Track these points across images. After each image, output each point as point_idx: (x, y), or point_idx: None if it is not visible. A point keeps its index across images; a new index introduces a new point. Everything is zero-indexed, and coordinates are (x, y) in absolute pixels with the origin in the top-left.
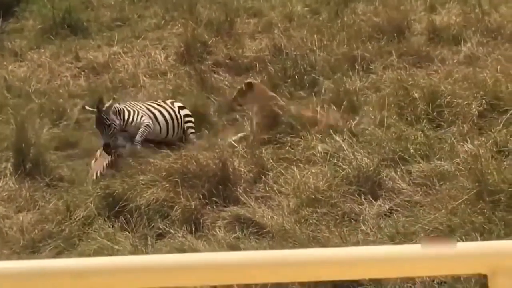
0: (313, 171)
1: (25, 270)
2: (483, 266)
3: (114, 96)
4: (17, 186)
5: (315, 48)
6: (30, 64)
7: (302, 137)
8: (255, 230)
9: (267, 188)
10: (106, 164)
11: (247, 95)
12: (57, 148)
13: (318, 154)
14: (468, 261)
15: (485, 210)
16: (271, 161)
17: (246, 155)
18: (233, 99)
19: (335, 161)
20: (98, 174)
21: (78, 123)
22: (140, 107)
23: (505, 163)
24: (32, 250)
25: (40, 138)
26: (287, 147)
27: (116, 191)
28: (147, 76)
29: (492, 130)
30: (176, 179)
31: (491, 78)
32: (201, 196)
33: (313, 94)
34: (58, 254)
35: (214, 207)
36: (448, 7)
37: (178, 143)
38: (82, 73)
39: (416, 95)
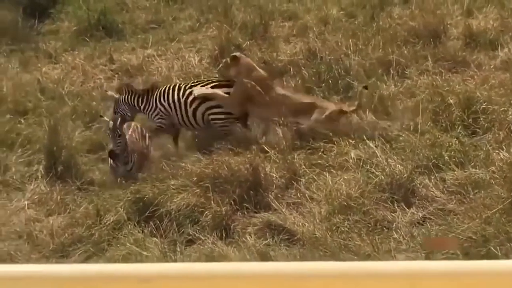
0: (345, 177)
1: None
2: None
3: None
4: (48, 189)
5: (349, 52)
6: (64, 66)
7: (335, 142)
8: (286, 237)
9: (298, 194)
10: None
11: (232, 68)
12: (89, 151)
13: (351, 160)
14: None
15: None
16: (303, 166)
17: (278, 161)
18: (218, 71)
19: (368, 167)
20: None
21: None
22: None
23: None
24: (62, 254)
25: (72, 140)
26: (320, 153)
27: (147, 196)
28: (181, 79)
29: None
30: (207, 184)
31: None
32: (232, 202)
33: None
34: (87, 259)
35: (245, 213)
36: (485, 11)
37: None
38: (116, 75)
39: (451, 101)
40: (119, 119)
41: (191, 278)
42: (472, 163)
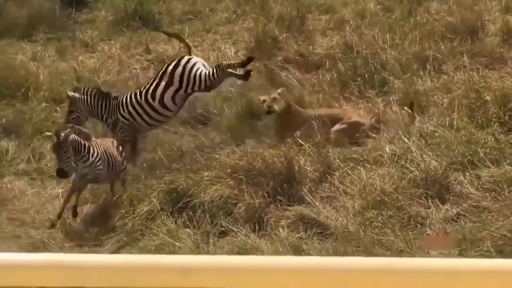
0: (380, 172)
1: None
2: None
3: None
4: None
5: (386, 47)
6: (100, 55)
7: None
8: (319, 230)
9: (332, 188)
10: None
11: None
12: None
13: (385, 155)
14: None
15: None
16: (338, 160)
17: (312, 154)
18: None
19: (403, 163)
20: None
21: None
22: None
23: None
24: (95, 243)
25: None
26: (355, 147)
27: (180, 186)
28: None
29: None
30: (241, 176)
31: None
32: (266, 194)
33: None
34: (119, 248)
35: (278, 205)
36: None
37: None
38: (152, 65)
39: (487, 97)
40: (71, 131)
41: (229, 270)
42: (508, 160)
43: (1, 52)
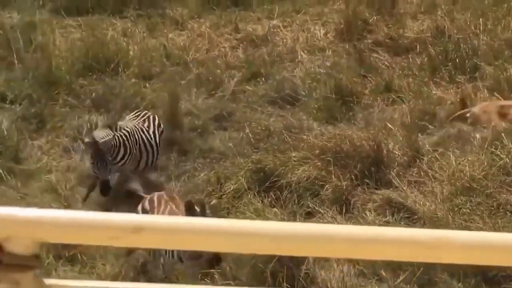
0: (469, 158)
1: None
2: None
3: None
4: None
5: (478, 32)
6: (189, 33)
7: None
8: (406, 215)
9: (421, 173)
10: None
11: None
12: (211, 118)
13: (475, 142)
14: None
15: None
16: (427, 145)
17: (401, 138)
18: None
19: (493, 149)
20: None
21: (234, 94)
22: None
23: None
24: None
25: (195, 107)
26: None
27: (268, 166)
28: (305, 51)
29: None
30: (329, 158)
31: None
32: (353, 177)
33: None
34: None
35: (366, 188)
36: None
37: None
38: (241, 45)
39: None
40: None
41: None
42: None
43: (92, 27)
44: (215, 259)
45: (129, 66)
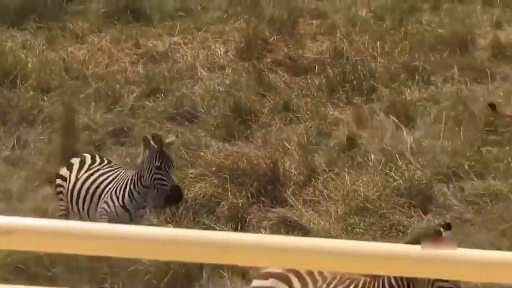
0: (364, 179)
1: None
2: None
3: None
4: None
5: (376, 55)
6: (90, 47)
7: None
8: (301, 233)
9: (316, 192)
10: None
11: None
12: (109, 133)
13: (370, 163)
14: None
15: None
16: (323, 165)
17: (298, 157)
18: None
19: (387, 171)
20: None
21: (132, 109)
22: None
23: None
24: None
25: (93, 122)
26: (340, 153)
27: None
28: (205, 69)
29: None
30: (226, 175)
31: None
32: (249, 195)
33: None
34: None
35: (261, 206)
36: None
37: None
38: (141, 60)
39: (475, 111)
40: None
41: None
42: (492, 175)
43: None
44: None
45: (27, 78)
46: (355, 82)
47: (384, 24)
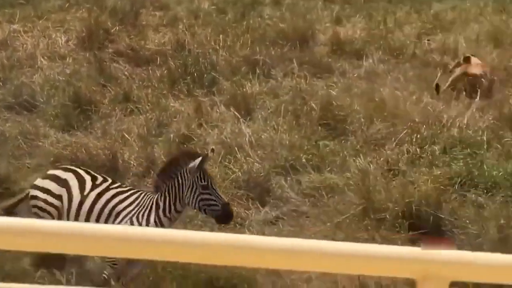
0: None
1: None
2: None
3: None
4: None
5: (218, 48)
6: None
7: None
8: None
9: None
10: None
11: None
12: None
13: (210, 155)
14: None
15: (369, 227)
16: (162, 157)
17: (137, 148)
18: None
19: (226, 163)
20: None
21: None
22: None
23: (394, 182)
24: None
25: None
26: (180, 144)
27: (1, 172)
28: (46, 58)
29: (385, 148)
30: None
31: (389, 96)
32: None
33: (210, 93)
34: None
35: None
36: (353, 21)
37: None
38: None
39: (313, 105)
40: None
41: None
42: (329, 168)
43: None
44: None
45: None
46: (196, 74)
47: (226, 17)
